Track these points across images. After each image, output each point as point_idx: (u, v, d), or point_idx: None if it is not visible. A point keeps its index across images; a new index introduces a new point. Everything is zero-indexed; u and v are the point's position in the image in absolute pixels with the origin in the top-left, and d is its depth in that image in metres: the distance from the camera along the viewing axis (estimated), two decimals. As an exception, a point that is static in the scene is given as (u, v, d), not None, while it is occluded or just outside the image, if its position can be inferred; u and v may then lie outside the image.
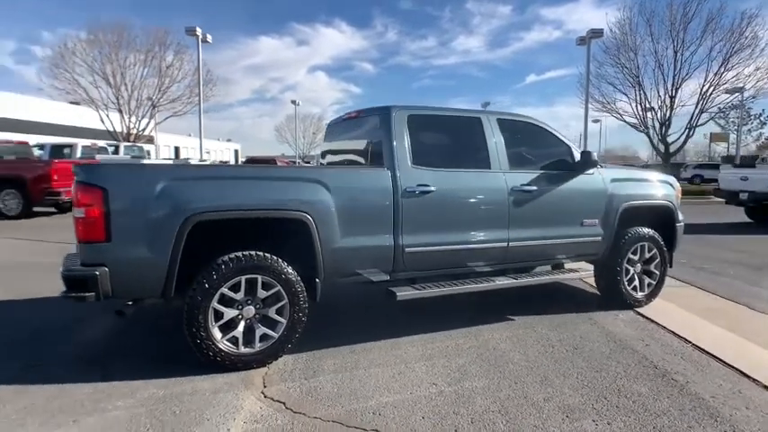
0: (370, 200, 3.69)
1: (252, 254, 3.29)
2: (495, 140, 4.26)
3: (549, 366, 3.49)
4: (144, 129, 30.30)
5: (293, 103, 49.50)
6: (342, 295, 5.09)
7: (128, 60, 29.25)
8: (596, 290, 5.31)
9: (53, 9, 74.04)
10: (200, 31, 23.64)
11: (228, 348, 3.27)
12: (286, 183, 3.46)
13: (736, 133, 36.36)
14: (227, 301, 3.27)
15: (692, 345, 3.95)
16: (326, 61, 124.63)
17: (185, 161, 21.74)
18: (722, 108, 29.16)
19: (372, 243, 3.69)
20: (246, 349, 3.33)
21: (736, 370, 3.46)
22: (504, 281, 4.25)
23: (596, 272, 5.06)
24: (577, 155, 4.60)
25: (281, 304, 3.41)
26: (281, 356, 3.48)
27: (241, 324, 3.33)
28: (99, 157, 14.65)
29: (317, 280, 3.53)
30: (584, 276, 4.82)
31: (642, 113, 28.20)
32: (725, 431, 2.67)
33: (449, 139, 4.28)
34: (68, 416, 2.69)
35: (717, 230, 10.94)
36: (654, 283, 5.06)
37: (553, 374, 3.35)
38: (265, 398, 2.96)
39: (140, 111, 29.98)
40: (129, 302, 3.28)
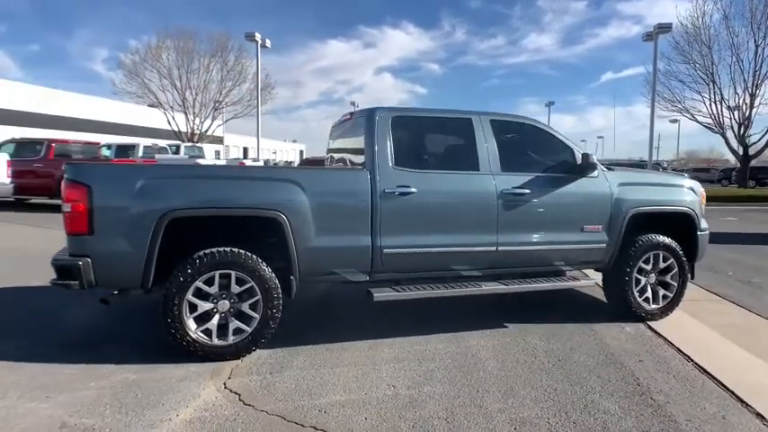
0: (346, 201, 3.73)
1: (226, 250, 3.44)
2: (486, 142, 4.15)
3: (521, 377, 3.36)
4: (207, 130, 32.03)
5: (352, 104, 50.39)
6: (335, 295, 5.17)
7: (192, 65, 31.12)
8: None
9: (141, 18, 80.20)
10: (258, 36, 24.70)
11: (202, 339, 3.43)
12: (261, 183, 3.58)
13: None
14: (202, 295, 3.44)
15: (693, 363, 3.66)
16: (392, 62, 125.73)
17: (234, 161, 22.78)
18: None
19: (349, 243, 3.73)
20: (219, 341, 3.48)
21: (732, 393, 3.17)
22: (492, 286, 4.13)
23: (604, 281, 4.80)
24: (580, 158, 4.38)
25: (254, 300, 3.53)
26: (254, 350, 3.60)
27: (215, 317, 3.48)
28: (158, 157, 15.71)
29: (291, 277, 3.62)
30: (585, 285, 4.58)
31: (717, 113, 26.13)
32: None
33: (435, 140, 4.24)
34: (45, 392, 2.94)
35: (783, 241, 9.96)
36: (670, 296, 4.71)
37: (521, 385, 3.23)
38: (225, 389, 3.08)
39: (204, 113, 31.75)
40: (115, 292, 3.53)
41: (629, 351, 3.88)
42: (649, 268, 4.63)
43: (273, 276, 3.56)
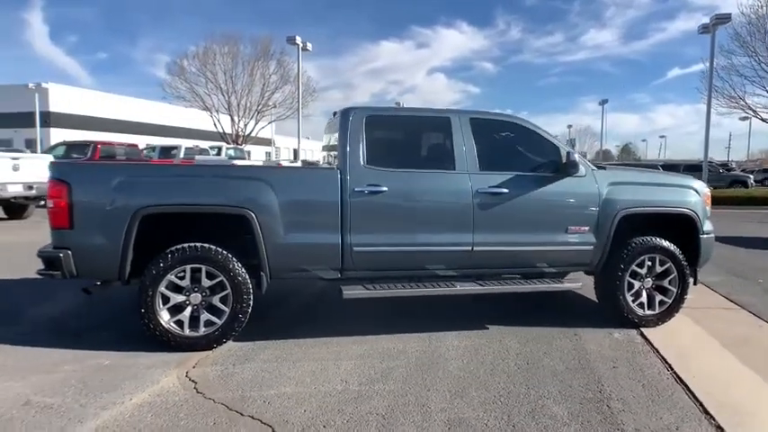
0: (315, 199, 3.81)
1: (196, 245, 3.60)
2: (464, 141, 4.10)
3: (479, 378, 3.32)
4: (251, 132, 33.16)
5: (396, 104, 50.63)
6: (325, 292, 5.24)
7: (236, 69, 32.35)
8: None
9: (200, 25, 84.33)
10: (299, 40, 25.29)
11: (174, 330, 3.61)
12: (230, 181, 3.72)
13: None
14: (175, 288, 3.62)
15: (672, 372, 3.47)
16: (445, 63, 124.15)
17: (275, 162, 23.42)
18: None
19: (318, 241, 3.80)
20: (191, 332, 3.64)
21: (700, 405, 2.99)
22: (468, 287, 4.09)
23: (596, 285, 4.62)
24: (576, 157, 4.23)
25: (224, 293, 3.68)
26: (225, 342, 3.75)
27: (188, 309, 3.66)
28: (198, 158, 16.45)
29: (261, 273, 3.74)
30: (569, 288, 4.41)
31: (783, 109, 24.21)
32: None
33: (412, 139, 4.24)
34: (22, 373, 3.21)
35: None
36: (668, 302, 4.47)
37: (476, 387, 3.18)
38: (185, 377, 3.24)
39: (247, 115, 32.88)
40: (97, 283, 3.78)
41: (606, 357, 3.73)
42: (644, 272, 4.42)
43: (243, 271, 3.69)
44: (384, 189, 3.86)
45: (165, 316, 3.60)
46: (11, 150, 19.22)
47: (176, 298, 3.62)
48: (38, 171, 9.73)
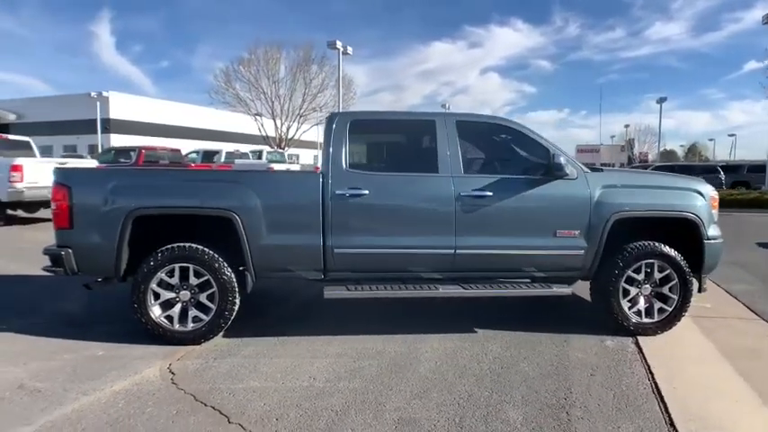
0: (297, 202, 3.95)
1: (183, 245, 3.83)
2: (449, 144, 4.12)
3: (446, 381, 3.33)
4: (294, 135, 34.05)
5: (442, 107, 50.40)
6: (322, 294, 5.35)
7: (279, 75, 33.37)
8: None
9: (255, 32, 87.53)
10: (340, 44, 25.79)
11: (164, 325, 3.85)
12: (217, 185, 3.93)
13: None
14: (165, 285, 3.86)
15: (652, 383, 3.35)
16: (499, 62, 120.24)
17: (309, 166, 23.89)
18: None
19: (299, 242, 3.94)
20: (179, 327, 3.87)
21: (668, 416, 2.89)
22: (451, 290, 4.09)
23: (591, 291, 4.49)
24: (561, 159, 4.15)
25: (210, 291, 3.88)
26: (211, 337, 3.95)
27: (177, 305, 3.89)
28: (237, 162, 17.11)
29: (246, 273, 3.92)
30: (558, 293, 4.28)
31: None
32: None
33: (396, 143, 4.29)
34: (24, 359, 3.53)
35: None
36: (668, 309, 4.27)
37: (438, 389, 3.20)
38: (166, 369, 3.45)
39: (290, 119, 33.79)
40: (99, 279, 4.08)
41: (588, 364, 3.64)
42: (641, 278, 4.26)
43: (229, 271, 3.88)
44: (365, 192, 3.94)
45: (156, 311, 3.85)
46: (75, 156, 20.78)
47: (166, 294, 3.86)
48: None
